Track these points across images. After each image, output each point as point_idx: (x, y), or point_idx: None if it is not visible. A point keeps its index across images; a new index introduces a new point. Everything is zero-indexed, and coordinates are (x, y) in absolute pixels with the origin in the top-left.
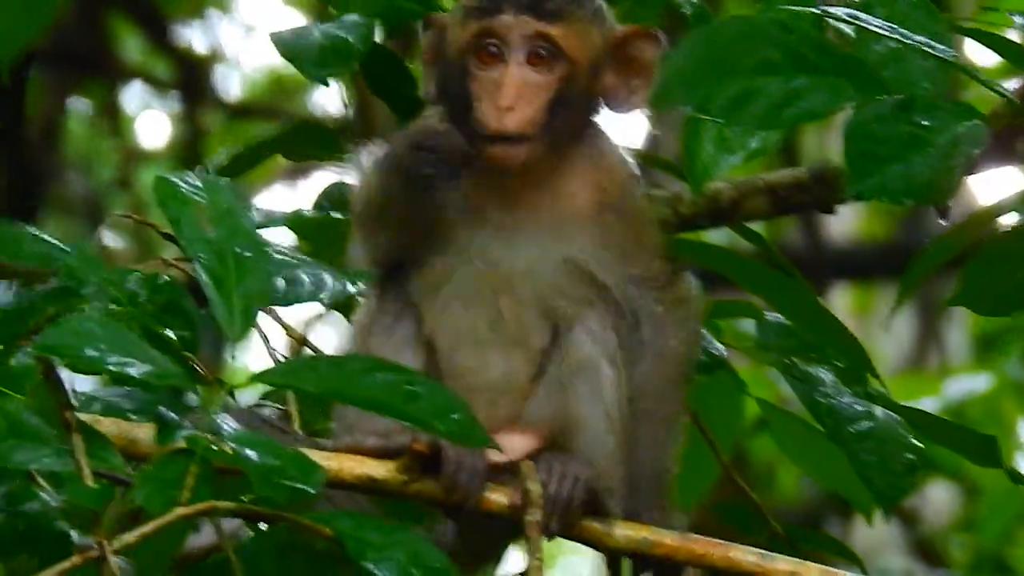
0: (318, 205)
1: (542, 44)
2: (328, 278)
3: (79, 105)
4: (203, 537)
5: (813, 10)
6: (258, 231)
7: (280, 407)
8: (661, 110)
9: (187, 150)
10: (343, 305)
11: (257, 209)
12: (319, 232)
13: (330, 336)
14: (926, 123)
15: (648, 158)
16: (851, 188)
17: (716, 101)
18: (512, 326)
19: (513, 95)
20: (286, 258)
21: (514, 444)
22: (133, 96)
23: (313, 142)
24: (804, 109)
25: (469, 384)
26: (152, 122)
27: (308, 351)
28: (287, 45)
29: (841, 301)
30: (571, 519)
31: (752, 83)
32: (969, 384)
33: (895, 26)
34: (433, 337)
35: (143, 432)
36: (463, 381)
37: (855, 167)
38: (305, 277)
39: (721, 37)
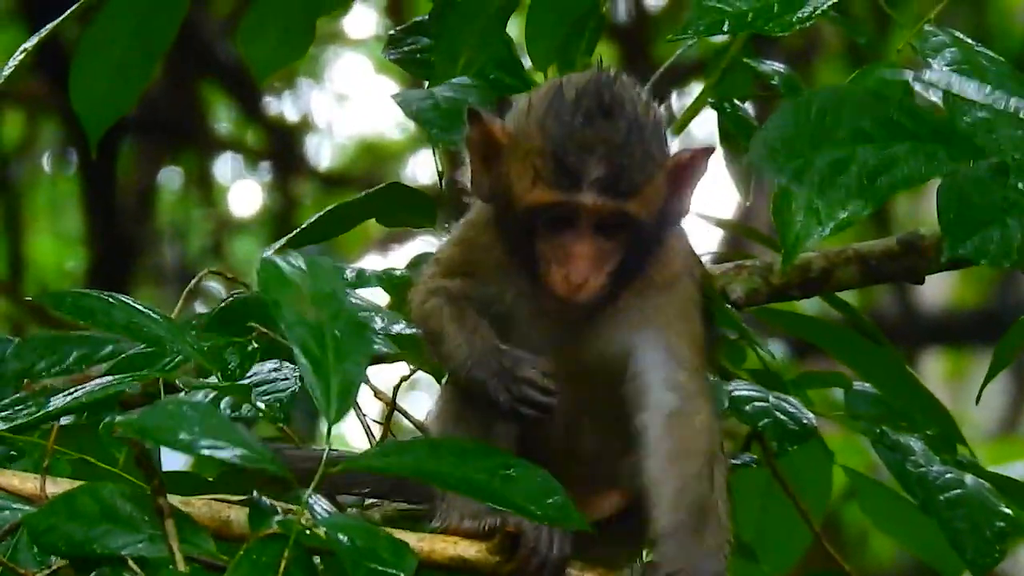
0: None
1: (615, 218)
2: (401, 320)
3: (171, 175)
4: None
5: (903, 77)
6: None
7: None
8: (757, 177)
9: (279, 219)
10: (434, 368)
11: (349, 268)
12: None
13: (421, 399)
14: (1021, 187)
15: (739, 228)
16: (950, 251)
17: (810, 170)
18: (592, 404)
19: (585, 269)
20: (360, 302)
21: (602, 503)
22: (225, 166)
23: (406, 206)
24: (899, 177)
25: (559, 449)
26: (244, 191)
27: (398, 414)
28: (412, 107)
29: (934, 367)
30: None
31: (847, 151)
32: None
33: (988, 88)
34: None
35: (236, 514)
36: (552, 447)
37: (952, 231)
38: (378, 318)
39: (814, 107)
